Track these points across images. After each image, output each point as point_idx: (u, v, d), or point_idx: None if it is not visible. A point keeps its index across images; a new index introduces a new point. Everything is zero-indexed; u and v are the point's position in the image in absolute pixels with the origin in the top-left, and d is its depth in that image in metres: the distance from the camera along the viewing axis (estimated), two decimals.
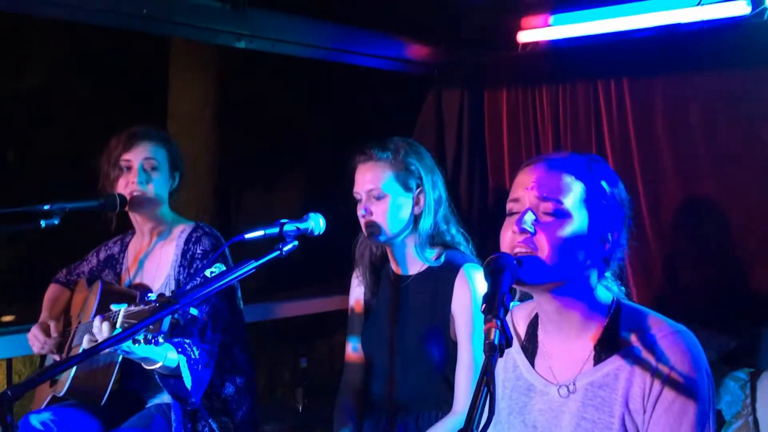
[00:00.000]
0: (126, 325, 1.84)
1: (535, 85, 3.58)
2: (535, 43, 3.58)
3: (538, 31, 3.53)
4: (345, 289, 2.78)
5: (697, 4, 2.97)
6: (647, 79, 3.19)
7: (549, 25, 3.43)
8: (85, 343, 1.92)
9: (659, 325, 1.58)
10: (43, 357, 2.84)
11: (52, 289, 2.78)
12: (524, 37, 3.58)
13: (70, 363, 1.52)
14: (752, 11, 2.85)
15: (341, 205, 2.61)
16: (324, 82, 6.06)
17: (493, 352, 1.20)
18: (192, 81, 5.38)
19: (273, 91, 7.03)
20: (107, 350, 1.83)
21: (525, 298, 1.75)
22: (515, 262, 1.49)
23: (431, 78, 3.92)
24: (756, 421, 2.72)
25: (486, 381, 1.14)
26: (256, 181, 7.43)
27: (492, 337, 1.22)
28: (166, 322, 1.75)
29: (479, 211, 3.82)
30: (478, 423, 1.07)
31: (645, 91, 3.20)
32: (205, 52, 5.38)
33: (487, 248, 2.50)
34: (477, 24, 3.59)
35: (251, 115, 6.88)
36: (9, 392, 1.41)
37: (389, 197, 2.40)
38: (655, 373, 1.52)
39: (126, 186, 2.55)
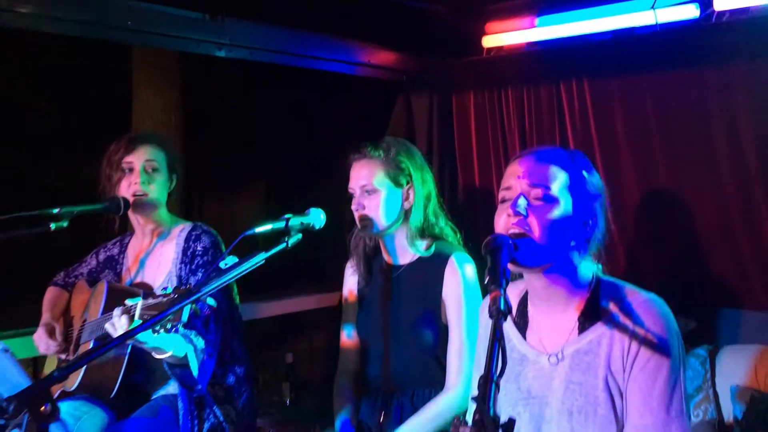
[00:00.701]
0: (146, 316, 1.95)
1: (501, 88, 3.72)
2: (500, 48, 3.71)
3: (500, 36, 3.65)
4: (320, 289, 2.83)
5: (651, 8, 3.13)
6: (606, 79, 3.36)
7: (535, 27, 3.53)
8: (113, 333, 2.02)
9: (634, 294, 1.78)
10: (35, 362, 2.89)
11: (51, 292, 2.83)
12: (489, 42, 3.71)
13: (104, 349, 1.62)
14: (701, 14, 3.03)
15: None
16: (290, 89, 6.12)
17: (500, 315, 1.38)
18: (154, 90, 5.38)
19: (236, 99, 7.07)
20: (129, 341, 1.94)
21: (514, 278, 1.93)
22: (511, 242, 1.67)
23: (401, 83, 4.03)
24: (716, 394, 2.88)
25: (497, 338, 1.31)
26: (219, 187, 7.43)
27: (498, 303, 1.40)
28: (186, 311, 1.87)
29: (450, 208, 3.94)
30: (496, 369, 1.24)
31: (604, 90, 3.36)
32: (167, 62, 5.39)
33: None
34: (443, 29, 3.71)
35: (215, 122, 6.91)
36: (55, 373, 1.50)
37: (381, 192, 2.55)
38: (632, 335, 1.71)
39: (129, 187, 2.63)
